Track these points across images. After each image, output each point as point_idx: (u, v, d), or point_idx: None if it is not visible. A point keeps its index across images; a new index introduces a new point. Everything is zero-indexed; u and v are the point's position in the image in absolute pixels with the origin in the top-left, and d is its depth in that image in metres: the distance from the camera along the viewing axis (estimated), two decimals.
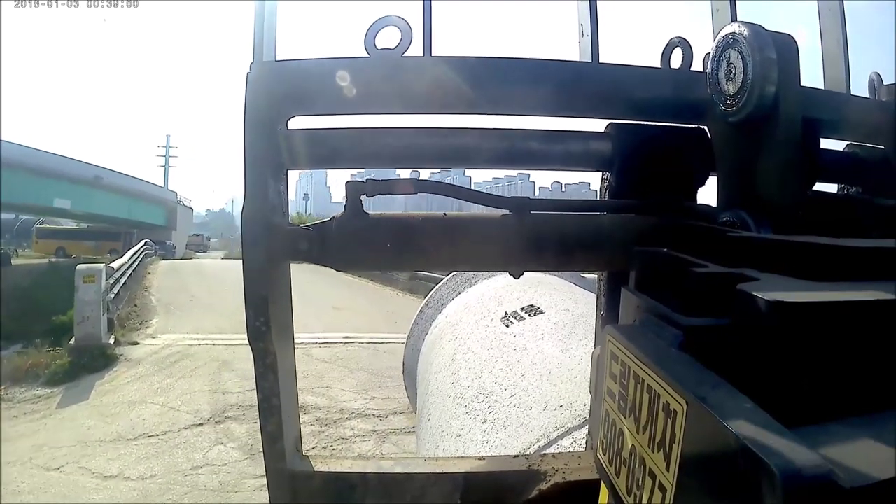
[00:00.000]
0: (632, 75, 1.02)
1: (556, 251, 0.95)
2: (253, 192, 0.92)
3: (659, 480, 0.53)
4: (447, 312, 3.00)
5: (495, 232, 0.95)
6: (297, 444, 1.11)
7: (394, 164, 1.02)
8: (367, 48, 0.95)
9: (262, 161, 0.93)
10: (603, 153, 1.03)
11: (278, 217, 0.95)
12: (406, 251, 0.95)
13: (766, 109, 0.84)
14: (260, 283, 0.92)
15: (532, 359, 1.88)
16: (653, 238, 0.93)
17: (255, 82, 0.93)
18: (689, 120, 1.02)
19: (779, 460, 0.36)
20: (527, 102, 1.02)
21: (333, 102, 0.99)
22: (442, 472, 1.06)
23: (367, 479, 1.05)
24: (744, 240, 0.74)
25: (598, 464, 0.69)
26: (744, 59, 0.86)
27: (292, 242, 0.94)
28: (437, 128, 1.01)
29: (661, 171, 1.01)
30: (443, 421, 1.92)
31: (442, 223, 0.95)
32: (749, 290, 0.51)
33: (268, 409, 0.98)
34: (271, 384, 0.97)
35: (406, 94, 0.99)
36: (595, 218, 1.00)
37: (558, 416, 1.43)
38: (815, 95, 1.07)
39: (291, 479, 1.03)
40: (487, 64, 0.99)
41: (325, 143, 1.00)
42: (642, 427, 0.57)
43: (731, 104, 0.89)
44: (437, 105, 1.02)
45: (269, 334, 0.92)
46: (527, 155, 1.02)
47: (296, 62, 0.98)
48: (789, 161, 0.87)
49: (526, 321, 2.23)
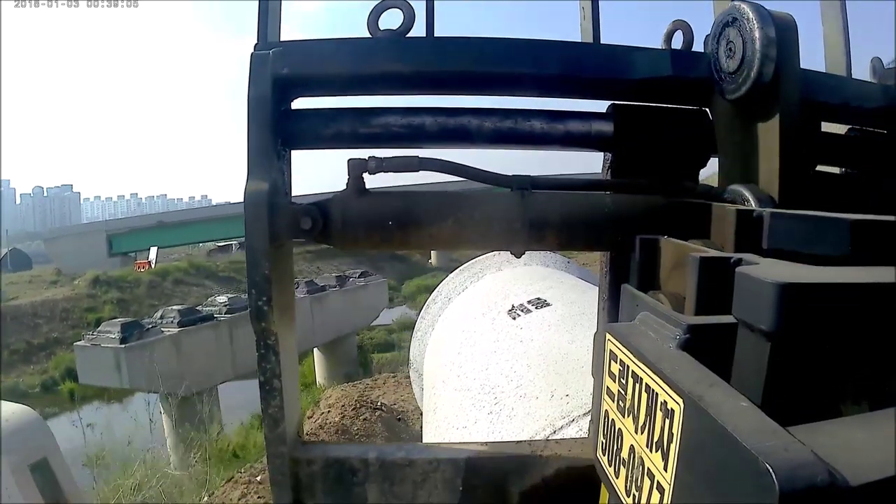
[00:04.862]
0: (633, 56, 1.02)
1: (559, 230, 0.95)
2: (256, 171, 0.92)
3: (657, 480, 0.53)
4: (454, 307, 3.00)
5: (497, 210, 0.95)
6: (299, 428, 1.10)
7: (396, 143, 1.02)
8: (370, 29, 0.97)
9: (265, 140, 0.94)
10: (605, 134, 1.03)
11: (280, 197, 0.96)
12: (409, 229, 0.95)
13: (766, 86, 0.84)
14: (262, 263, 0.91)
15: (538, 350, 1.87)
16: (656, 216, 0.93)
17: (259, 63, 0.94)
18: (691, 101, 1.03)
19: (774, 460, 0.36)
20: (528, 83, 1.02)
21: (337, 83, 1.00)
22: (444, 457, 1.04)
23: (368, 464, 1.04)
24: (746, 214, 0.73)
25: (597, 464, 0.69)
26: (743, 36, 0.87)
27: (294, 221, 0.93)
28: (440, 107, 1.02)
29: (662, 151, 1.01)
30: (449, 413, 1.92)
31: (444, 201, 0.96)
32: (748, 272, 0.52)
33: (269, 390, 0.97)
34: (273, 366, 0.96)
35: (408, 74, 0.99)
36: (597, 197, 1.00)
37: (564, 406, 1.42)
38: (816, 78, 1.07)
39: (293, 462, 1.02)
40: (489, 45, 1.00)
41: (328, 123, 1.01)
42: (641, 427, 0.57)
43: (732, 81, 0.89)
44: (439, 85, 1.03)
45: (272, 315, 0.91)
46: (529, 135, 1.02)
47: (300, 43, 1.00)
48: (790, 139, 0.86)
49: (533, 313, 2.22)
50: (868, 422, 0.47)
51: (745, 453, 0.38)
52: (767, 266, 0.56)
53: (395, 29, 0.96)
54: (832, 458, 0.37)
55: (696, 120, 1.02)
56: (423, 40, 0.98)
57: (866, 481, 0.36)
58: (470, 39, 0.99)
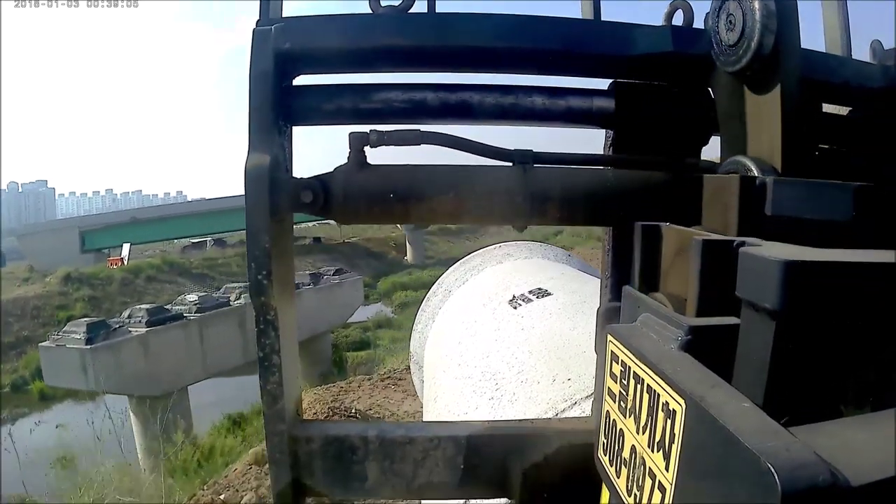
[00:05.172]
0: (634, 32, 1.05)
1: (560, 204, 0.98)
2: (256, 145, 0.95)
3: (658, 480, 0.55)
4: (454, 299, 3.05)
5: (499, 184, 0.98)
6: (298, 406, 1.12)
7: (398, 118, 1.05)
8: (371, 5, 1.00)
9: (266, 116, 0.96)
10: (606, 110, 1.06)
11: (281, 172, 0.98)
12: (410, 203, 0.98)
13: (766, 57, 0.87)
14: (262, 237, 0.93)
15: (540, 336, 1.91)
16: (658, 191, 0.97)
17: (261, 38, 0.97)
18: (692, 78, 1.06)
19: (776, 460, 0.38)
20: (530, 60, 1.05)
21: (338, 59, 1.03)
22: (445, 434, 1.07)
23: (368, 442, 1.06)
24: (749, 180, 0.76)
25: (598, 464, 0.71)
26: (743, 8, 0.90)
27: (295, 194, 0.96)
28: (441, 83, 1.05)
29: (664, 129, 1.05)
30: (450, 401, 1.95)
31: (446, 175, 0.98)
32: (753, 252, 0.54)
33: (268, 367, 0.99)
34: (272, 341, 0.98)
35: (410, 50, 1.02)
36: (599, 172, 1.03)
37: (566, 389, 1.46)
38: (816, 57, 1.10)
39: (291, 441, 1.04)
40: (490, 21, 1.03)
41: (330, 98, 1.03)
42: (642, 427, 0.59)
43: (732, 54, 0.92)
44: (440, 62, 1.06)
45: (271, 289, 0.94)
46: (530, 110, 1.05)
47: (302, 19, 1.02)
48: (791, 111, 0.89)
49: (534, 302, 2.26)
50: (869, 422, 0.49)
51: (746, 453, 0.40)
52: (771, 247, 0.58)
53: (396, 5, 0.99)
54: (833, 459, 0.39)
55: (697, 97, 1.05)
56: (424, 16, 1.01)
57: (868, 481, 0.38)
58: (471, 15, 1.02)
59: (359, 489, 1.08)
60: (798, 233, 0.66)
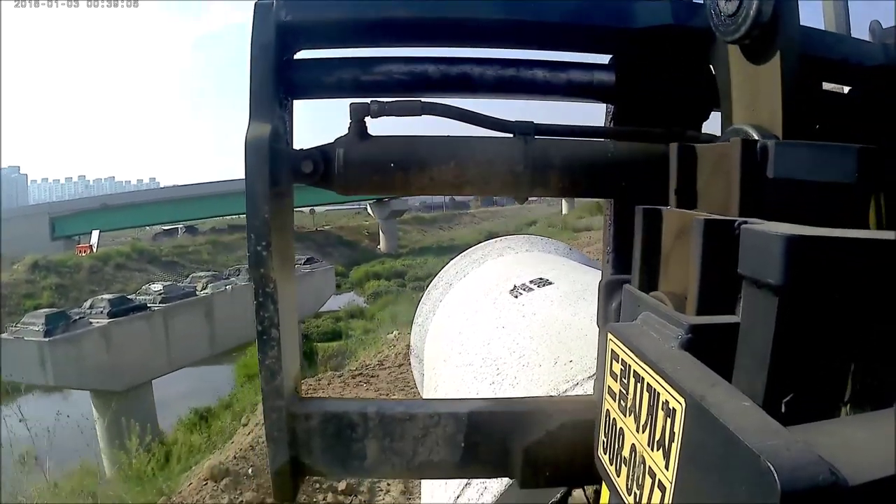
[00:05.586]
0: (634, 5, 1.09)
1: (561, 175, 1.01)
2: (257, 118, 0.97)
3: (658, 479, 0.57)
4: (454, 292, 3.15)
5: (500, 154, 1.01)
6: (297, 382, 1.14)
7: (399, 91, 1.07)
8: None
9: (267, 89, 0.98)
10: (607, 83, 1.09)
11: (281, 143, 1.00)
12: (410, 172, 1.00)
13: (765, 25, 0.90)
14: (262, 207, 0.94)
15: (542, 322, 1.96)
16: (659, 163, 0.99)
17: (262, 11, 0.99)
18: (692, 51, 1.09)
19: (776, 459, 0.40)
20: (531, 33, 1.08)
21: (340, 31, 1.05)
22: (445, 411, 1.09)
23: (367, 418, 1.08)
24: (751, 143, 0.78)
25: (598, 463, 0.73)
26: None
27: (295, 165, 0.98)
28: (442, 56, 1.07)
29: (664, 103, 1.08)
30: (450, 389, 2.00)
31: (447, 145, 1.01)
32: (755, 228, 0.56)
33: (267, 340, 1.00)
34: (271, 314, 0.99)
35: (411, 23, 1.05)
36: (600, 144, 1.06)
37: (568, 371, 1.51)
38: (815, 33, 1.13)
39: (290, 417, 1.05)
40: None
41: (331, 71, 1.05)
42: (642, 426, 0.61)
43: (731, 23, 0.95)
44: (441, 35, 1.08)
45: (271, 261, 0.95)
46: (531, 83, 1.08)
47: None
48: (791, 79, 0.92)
49: (535, 291, 2.32)
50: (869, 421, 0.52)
51: (746, 452, 0.41)
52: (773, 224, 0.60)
53: None
54: (833, 458, 0.40)
55: (698, 72, 1.08)
56: None
57: (867, 480, 0.40)
58: None
59: (358, 468, 1.09)
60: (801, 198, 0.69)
